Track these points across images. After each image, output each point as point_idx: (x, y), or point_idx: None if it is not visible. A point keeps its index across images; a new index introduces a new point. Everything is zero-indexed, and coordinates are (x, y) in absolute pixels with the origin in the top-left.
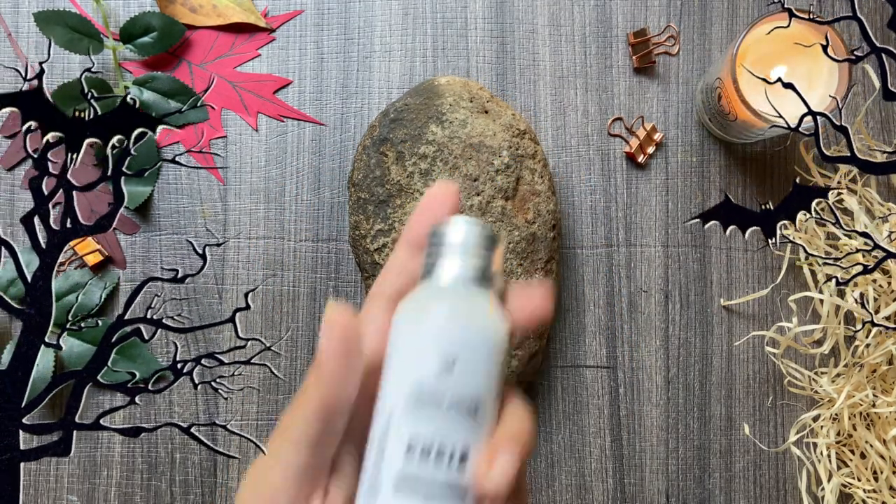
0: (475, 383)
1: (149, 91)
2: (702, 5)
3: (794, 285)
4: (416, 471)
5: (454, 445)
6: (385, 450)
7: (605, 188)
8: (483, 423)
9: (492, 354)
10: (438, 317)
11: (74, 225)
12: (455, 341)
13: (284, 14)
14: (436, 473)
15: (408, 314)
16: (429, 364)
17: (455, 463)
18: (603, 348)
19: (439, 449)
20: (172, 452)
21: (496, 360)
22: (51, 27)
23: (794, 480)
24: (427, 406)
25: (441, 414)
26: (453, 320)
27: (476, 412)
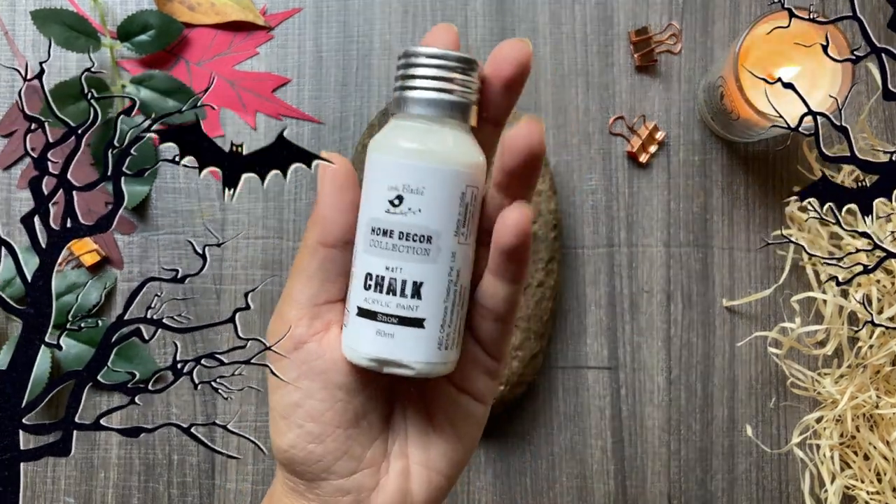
0: (424, 218)
1: (146, 89)
2: (704, 3)
3: (797, 286)
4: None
5: (405, 279)
6: (353, 280)
7: (607, 187)
8: (439, 257)
9: (445, 188)
10: (391, 150)
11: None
12: (401, 174)
13: (283, 12)
14: (388, 303)
15: (371, 148)
16: (379, 198)
17: (407, 295)
18: (604, 349)
19: (390, 281)
20: (170, 454)
21: (451, 195)
22: (48, 25)
23: (797, 482)
24: (379, 240)
25: (391, 248)
26: (405, 153)
27: (428, 246)
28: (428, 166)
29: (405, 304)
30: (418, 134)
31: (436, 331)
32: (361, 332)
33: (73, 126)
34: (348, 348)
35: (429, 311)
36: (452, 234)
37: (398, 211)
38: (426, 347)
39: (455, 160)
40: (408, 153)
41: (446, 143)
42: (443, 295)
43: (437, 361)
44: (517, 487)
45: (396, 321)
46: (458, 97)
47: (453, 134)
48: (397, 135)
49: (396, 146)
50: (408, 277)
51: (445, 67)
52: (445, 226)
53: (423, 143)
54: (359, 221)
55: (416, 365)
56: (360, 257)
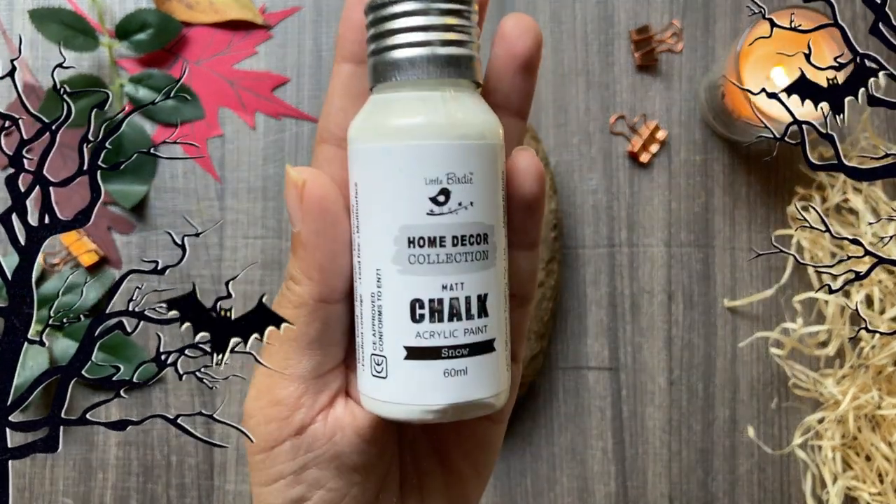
0: (479, 210)
1: (144, 88)
2: (705, 2)
3: (798, 286)
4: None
5: (469, 295)
6: (383, 322)
7: (608, 187)
8: (496, 256)
9: (491, 168)
10: (409, 130)
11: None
12: (442, 160)
13: (282, 11)
14: (454, 332)
15: (362, 137)
16: (412, 200)
17: (474, 314)
18: (605, 350)
19: (452, 302)
20: (169, 455)
21: (496, 175)
22: (46, 24)
23: (799, 483)
24: (424, 253)
25: (444, 259)
26: (433, 131)
27: (487, 245)
28: (472, 144)
29: (473, 326)
30: (441, 104)
31: (503, 349)
32: (418, 377)
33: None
34: (393, 405)
35: (496, 327)
36: (502, 224)
37: (446, 209)
38: (499, 373)
39: (493, 131)
40: (439, 130)
41: (478, 110)
42: (504, 303)
43: (507, 385)
44: (517, 488)
45: (468, 351)
46: (466, 49)
47: (477, 98)
48: (409, 109)
49: (418, 125)
50: (471, 292)
51: (441, 11)
52: (497, 217)
53: (453, 114)
54: (370, 236)
55: (494, 400)
56: (395, 282)
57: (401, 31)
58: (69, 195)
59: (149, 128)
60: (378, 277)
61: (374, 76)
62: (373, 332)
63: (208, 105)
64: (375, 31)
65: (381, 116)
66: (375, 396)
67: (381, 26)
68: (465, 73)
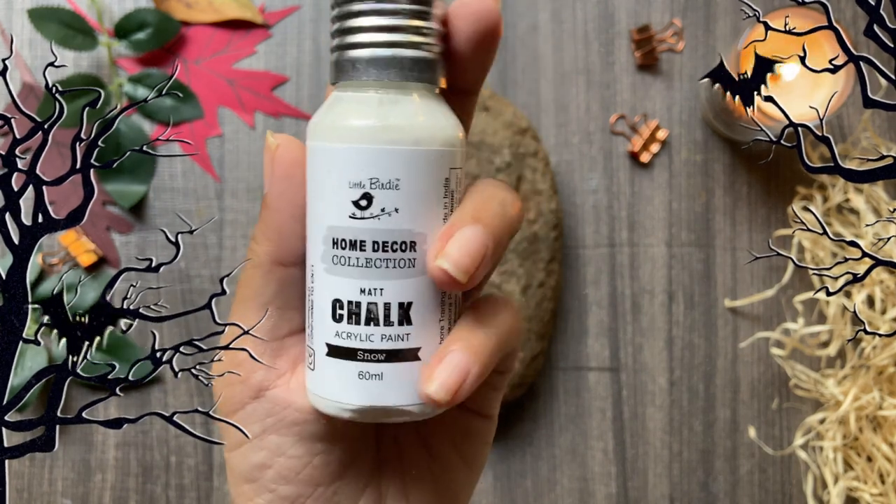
0: (405, 217)
1: (143, 88)
2: (706, 1)
3: (799, 286)
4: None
5: (388, 301)
6: (313, 313)
7: (608, 187)
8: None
9: (427, 176)
10: (342, 132)
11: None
12: (366, 164)
13: (281, 10)
14: (369, 335)
15: (311, 133)
16: (338, 201)
17: (393, 321)
18: (605, 350)
19: (369, 307)
20: (168, 456)
21: (435, 184)
22: (45, 23)
23: (800, 484)
24: (346, 256)
25: (364, 264)
26: (364, 135)
27: (413, 254)
28: (400, 150)
29: (392, 333)
30: (376, 106)
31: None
32: (336, 375)
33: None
34: (317, 397)
35: (423, 336)
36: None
37: (368, 214)
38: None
39: (432, 137)
40: (368, 134)
41: (416, 115)
42: (436, 313)
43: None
44: (518, 489)
45: (384, 357)
46: (421, 51)
47: (425, 102)
48: (346, 111)
49: (349, 127)
50: (392, 299)
51: (399, 13)
52: (430, 225)
53: (386, 117)
54: (309, 231)
55: (413, 408)
56: (322, 280)
57: (351, 31)
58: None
59: (147, 127)
60: (312, 273)
61: (332, 73)
62: (308, 325)
63: (207, 104)
64: (335, 28)
65: (325, 116)
66: (308, 386)
67: (338, 23)
68: (413, 77)
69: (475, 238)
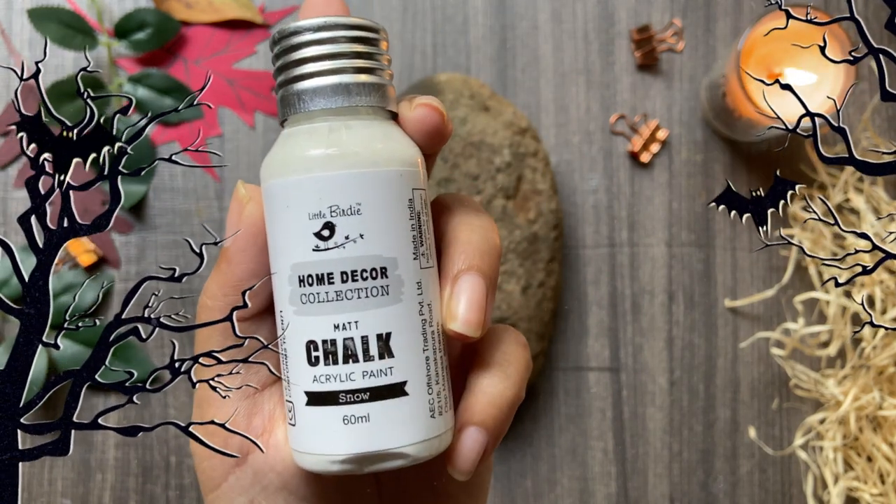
0: (372, 242)
1: (143, 88)
2: (706, 1)
3: (800, 286)
4: (324, 378)
5: (365, 334)
6: (287, 361)
7: (608, 187)
8: (402, 291)
9: (388, 197)
10: (297, 165)
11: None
12: (325, 192)
13: (281, 10)
14: (350, 375)
15: (266, 174)
16: (300, 236)
17: (373, 355)
18: (605, 350)
19: (346, 344)
20: (168, 456)
21: (398, 204)
22: (45, 23)
23: (800, 484)
24: (315, 293)
25: (334, 298)
26: (319, 163)
27: (385, 280)
28: (358, 173)
29: (374, 368)
30: (327, 134)
31: (423, 393)
32: (319, 425)
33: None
34: (301, 454)
35: (407, 368)
36: (411, 257)
37: (332, 244)
38: (416, 420)
39: (390, 157)
40: (321, 162)
41: (372, 138)
42: (419, 342)
43: (434, 435)
44: (518, 490)
45: (368, 396)
46: (368, 75)
47: (377, 125)
48: (298, 144)
49: (303, 158)
50: (369, 331)
51: (344, 39)
52: (400, 249)
53: (341, 144)
54: (274, 276)
55: (408, 449)
56: (292, 324)
57: (293, 65)
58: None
59: (147, 128)
60: (282, 319)
61: (279, 111)
62: (284, 378)
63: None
64: (278, 65)
65: (276, 152)
66: (291, 444)
67: (280, 60)
68: (361, 101)
69: (477, 289)
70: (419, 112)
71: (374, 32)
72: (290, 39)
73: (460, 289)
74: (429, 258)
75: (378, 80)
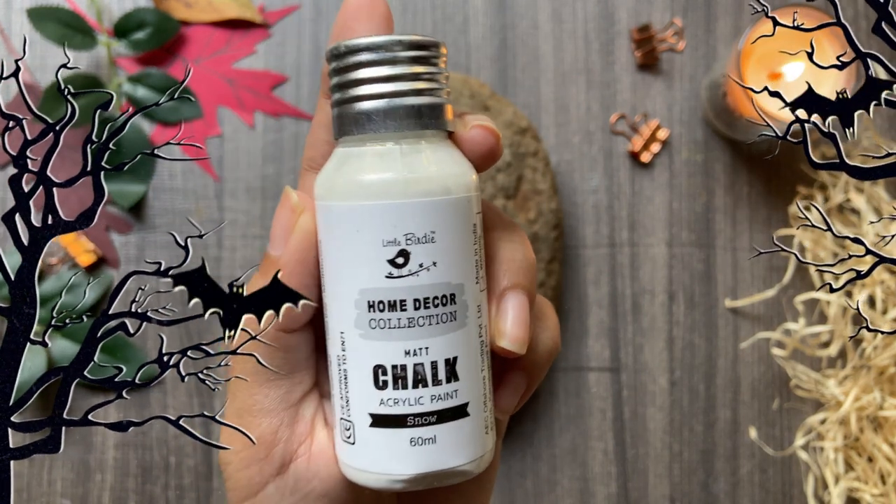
0: (443, 271)
1: (143, 87)
2: (707, 0)
3: (800, 286)
4: (393, 402)
5: (435, 360)
6: (349, 384)
7: (609, 186)
8: (467, 315)
9: (458, 224)
10: (367, 189)
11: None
12: (400, 221)
13: (281, 9)
14: (419, 399)
15: (326, 195)
16: (371, 263)
17: (441, 379)
18: (606, 350)
19: (416, 369)
20: (167, 456)
21: (465, 230)
22: (44, 23)
23: (801, 485)
24: (385, 320)
25: (406, 325)
26: (395, 189)
27: (454, 306)
28: (434, 201)
29: (441, 392)
30: (400, 158)
31: (480, 412)
32: (385, 446)
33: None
34: (361, 472)
35: (469, 390)
36: (474, 281)
37: (406, 272)
38: (475, 438)
39: (459, 184)
40: (397, 188)
41: (442, 162)
42: (479, 363)
43: (488, 449)
44: (518, 490)
45: (435, 419)
46: (434, 97)
47: (443, 149)
48: (369, 166)
49: (376, 182)
50: (438, 357)
51: (413, 59)
52: (466, 275)
53: (416, 170)
54: (332, 296)
55: (469, 466)
56: (358, 346)
57: (359, 83)
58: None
59: (147, 127)
60: (342, 341)
61: (337, 128)
62: (341, 396)
63: (207, 104)
64: (337, 81)
65: (340, 173)
66: (345, 461)
67: (341, 76)
68: (430, 124)
69: (522, 307)
70: (475, 133)
71: (437, 49)
72: (357, 56)
73: (507, 306)
74: (482, 279)
75: (443, 100)
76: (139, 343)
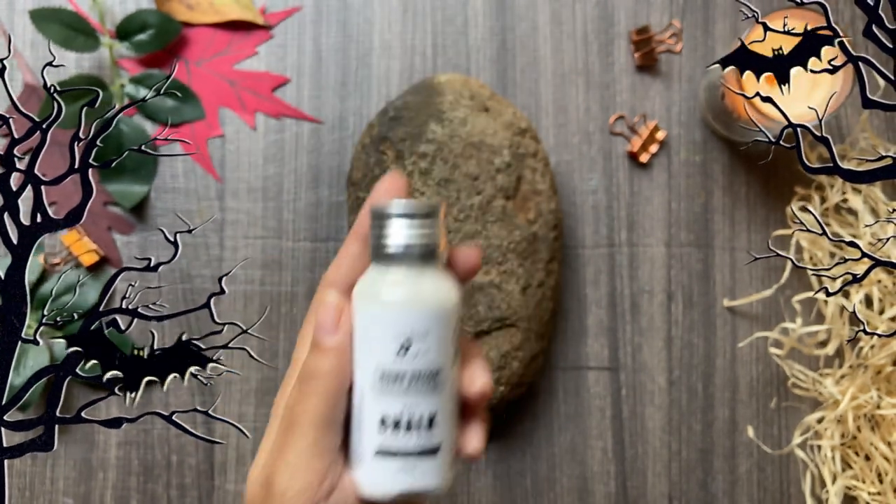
0: (432, 357)
1: (145, 89)
2: (705, 2)
3: (798, 286)
4: (391, 441)
5: (421, 415)
6: (362, 424)
7: (608, 187)
8: (445, 386)
9: (444, 327)
10: (388, 301)
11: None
12: (407, 323)
13: (282, 11)
14: (407, 441)
15: (361, 298)
16: (385, 348)
17: (423, 428)
18: (605, 350)
19: (408, 420)
20: (169, 455)
21: (448, 330)
22: (46, 24)
23: (799, 483)
24: (391, 385)
25: (404, 390)
26: (403, 303)
27: (436, 380)
28: (430, 311)
29: (423, 436)
30: (409, 281)
31: (449, 448)
32: (383, 471)
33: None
34: (366, 489)
35: (442, 435)
36: (451, 362)
37: (408, 356)
38: (444, 466)
39: (448, 299)
40: (408, 302)
41: (437, 285)
42: (451, 416)
43: (451, 475)
44: (517, 489)
45: (417, 454)
46: (434, 241)
47: (438, 275)
48: (390, 283)
49: (394, 296)
50: (424, 412)
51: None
52: (447, 358)
53: (418, 290)
54: (359, 363)
55: (439, 486)
56: (372, 401)
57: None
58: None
59: (149, 128)
60: (362, 395)
61: (374, 254)
62: (359, 431)
63: (208, 105)
64: (376, 226)
65: (374, 285)
66: (357, 481)
67: (378, 224)
68: (433, 259)
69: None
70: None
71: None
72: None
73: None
74: (458, 360)
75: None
76: (141, 340)
